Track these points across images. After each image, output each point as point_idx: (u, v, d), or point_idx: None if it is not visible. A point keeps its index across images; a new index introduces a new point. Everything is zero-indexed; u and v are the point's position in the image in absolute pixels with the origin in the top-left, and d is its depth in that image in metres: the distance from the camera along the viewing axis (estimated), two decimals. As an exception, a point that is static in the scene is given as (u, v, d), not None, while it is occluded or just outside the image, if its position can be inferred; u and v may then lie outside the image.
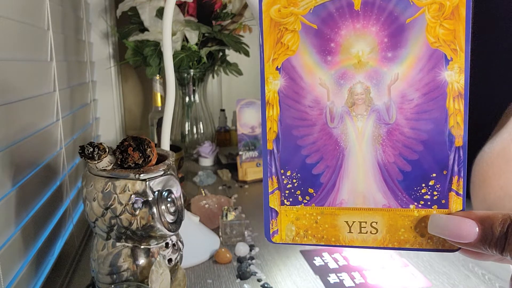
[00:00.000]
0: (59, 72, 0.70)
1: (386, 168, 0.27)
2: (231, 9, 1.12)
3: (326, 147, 0.28)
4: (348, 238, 0.28)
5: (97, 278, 0.45)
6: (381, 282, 0.55)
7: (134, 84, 1.38)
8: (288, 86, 0.28)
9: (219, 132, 1.34)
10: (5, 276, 0.42)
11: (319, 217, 0.29)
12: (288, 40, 0.27)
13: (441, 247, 0.27)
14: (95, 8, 1.19)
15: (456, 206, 0.27)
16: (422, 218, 0.27)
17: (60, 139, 0.68)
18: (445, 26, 0.25)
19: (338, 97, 0.27)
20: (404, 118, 0.27)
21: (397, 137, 0.27)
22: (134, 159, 0.41)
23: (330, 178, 0.28)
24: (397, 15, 0.26)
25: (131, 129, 1.39)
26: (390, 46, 0.26)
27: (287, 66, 0.28)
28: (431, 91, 0.26)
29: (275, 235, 0.30)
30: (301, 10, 0.27)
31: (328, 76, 0.27)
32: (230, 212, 0.68)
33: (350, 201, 0.28)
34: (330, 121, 0.28)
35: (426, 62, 0.26)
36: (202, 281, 0.56)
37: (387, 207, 0.28)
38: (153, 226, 0.43)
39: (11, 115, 0.49)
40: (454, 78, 0.26)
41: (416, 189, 0.27)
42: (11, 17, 0.51)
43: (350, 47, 0.27)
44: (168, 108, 0.59)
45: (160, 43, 1.04)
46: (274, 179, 0.29)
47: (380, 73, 0.27)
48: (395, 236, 0.28)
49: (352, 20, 0.26)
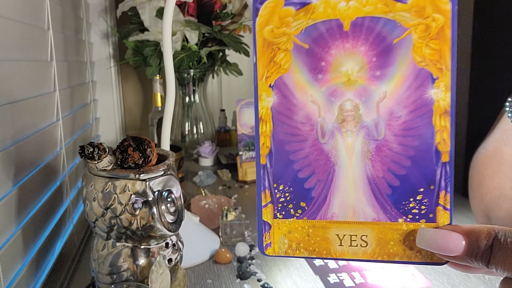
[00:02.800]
0: (59, 72, 0.70)
1: (375, 183, 0.28)
2: (231, 9, 1.12)
3: (317, 162, 0.28)
4: (339, 251, 0.29)
5: (97, 278, 0.45)
6: (381, 282, 0.55)
7: (134, 84, 1.38)
8: (281, 103, 0.28)
9: (219, 132, 1.34)
10: (5, 276, 0.42)
11: (311, 230, 0.29)
12: (281, 59, 0.28)
13: (430, 260, 0.28)
14: (95, 8, 1.19)
15: (444, 220, 0.27)
16: (410, 231, 0.28)
17: (60, 139, 0.68)
18: (431, 46, 0.26)
19: (329, 113, 0.28)
20: (392, 134, 0.27)
21: (385, 153, 0.28)
22: (134, 159, 0.41)
23: (321, 192, 0.29)
24: (385, 36, 0.27)
25: (131, 129, 1.38)
26: (378, 65, 0.27)
27: (280, 84, 0.28)
28: (418, 109, 0.27)
29: (268, 248, 0.30)
30: (293, 31, 0.28)
31: (319, 93, 0.28)
32: (230, 212, 0.68)
33: (341, 214, 0.29)
34: (321, 137, 0.28)
35: (413, 80, 0.27)
36: (202, 281, 0.56)
37: (376, 220, 0.28)
38: (153, 226, 0.43)
39: (11, 115, 0.49)
40: (440, 96, 0.26)
41: (405, 203, 0.28)
42: (11, 17, 0.51)
43: (340, 65, 0.27)
44: (168, 108, 0.59)
45: (160, 43, 1.04)
46: (267, 193, 0.30)
47: (369, 91, 0.27)
48: (385, 249, 0.28)
49: (342, 40, 0.27)
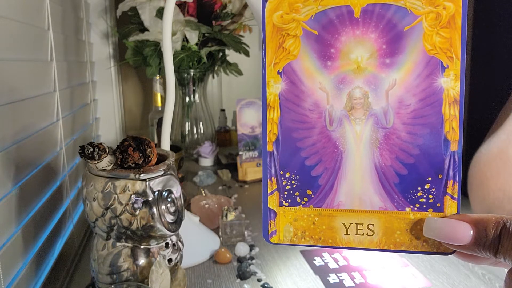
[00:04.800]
0: (59, 72, 0.70)
1: (383, 171, 0.28)
2: (231, 9, 1.12)
3: (324, 149, 0.28)
4: (345, 240, 0.29)
5: (97, 278, 0.45)
6: (381, 282, 0.55)
7: (134, 84, 1.38)
8: (289, 90, 0.28)
9: (219, 132, 1.34)
10: (5, 276, 0.42)
11: (317, 218, 0.29)
12: (290, 45, 0.28)
13: (436, 250, 0.28)
14: (95, 8, 1.19)
15: (451, 210, 0.27)
16: (417, 221, 0.28)
17: (60, 139, 0.68)
18: (441, 35, 0.26)
19: (337, 101, 0.28)
20: (401, 123, 0.27)
21: (394, 141, 0.27)
22: (134, 159, 0.41)
23: (328, 180, 0.29)
24: (396, 23, 0.27)
25: (131, 129, 1.38)
26: (388, 53, 0.27)
27: (288, 70, 0.28)
28: (428, 97, 0.27)
29: (273, 236, 0.30)
30: (302, 17, 0.28)
31: (328, 80, 0.28)
32: (230, 212, 0.68)
33: (348, 203, 0.28)
34: (329, 124, 0.28)
35: (423, 68, 0.27)
36: (202, 281, 0.56)
37: (383, 209, 0.28)
38: (153, 226, 0.43)
39: (11, 115, 0.49)
40: (450, 84, 0.26)
41: (412, 192, 0.28)
42: (11, 17, 0.51)
43: (349, 52, 0.27)
44: (168, 108, 0.59)
45: (160, 43, 1.04)
46: (273, 180, 0.29)
47: (378, 78, 0.27)
48: (391, 238, 0.28)
49: (352, 27, 0.27)
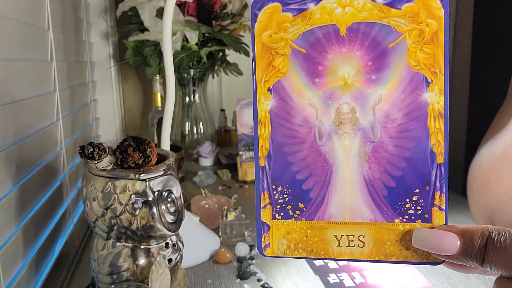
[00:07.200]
0: (59, 72, 0.70)
1: (372, 184, 0.29)
2: (231, 9, 1.12)
3: (315, 163, 0.29)
4: (337, 252, 0.29)
5: (97, 278, 0.45)
6: (381, 282, 0.55)
7: (134, 84, 1.38)
8: (279, 106, 0.29)
9: (219, 132, 1.34)
10: (5, 276, 0.42)
11: (309, 231, 0.30)
12: (279, 64, 0.29)
13: (426, 260, 0.28)
14: (95, 8, 1.19)
15: (439, 220, 0.28)
16: (406, 232, 0.28)
17: (60, 139, 0.68)
18: (425, 51, 0.27)
19: (326, 116, 0.29)
20: (388, 137, 0.28)
21: (381, 154, 0.28)
22: (134, 159, 0.41)
23: (319, 193, 0.29)
24: (380, 41, 0.27)
25: (131, 129, 1.39)
26: (374, 69, 0.28)
27: (278, 87, 0.29)
28: (413, 111, 0.27)
29: (267, 249, 0.31)
30: (290, 36, 0.29)
31: (317, 96, 0.29)
32: (230, 212, 0.68)
33: (338, 215, 0.29)
34: (319, 139, 0.29)
35: (408, 84, 0.27)
36: (202, 281, 0.56)
37: (373, 221, 0.29)
38: (153, 226, 0.43)
39: (11, 115, 0.49)
40: (435, 99, 0.27)
41: (401, 204, 0.28)
42: (11, 17, 0.51)
43: (336, 69, 0.28)
44: (168, 108, 0.59)
45: (160, 43, 1.04)
46: (266, 194, 0.30)
47: (365, 94, 0.28)
48: (382, 249, 0.29)
49: (338, 45, 0.28)
